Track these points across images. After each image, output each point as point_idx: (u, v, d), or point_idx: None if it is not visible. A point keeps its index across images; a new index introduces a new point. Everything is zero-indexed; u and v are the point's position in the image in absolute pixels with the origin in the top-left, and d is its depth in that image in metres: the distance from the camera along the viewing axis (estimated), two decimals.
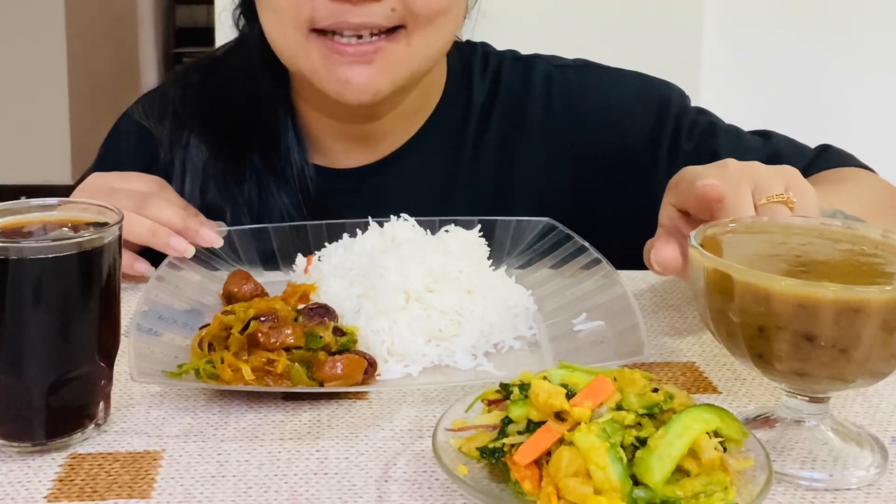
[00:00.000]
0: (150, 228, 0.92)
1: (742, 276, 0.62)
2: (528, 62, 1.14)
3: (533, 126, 1.11)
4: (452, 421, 0.64)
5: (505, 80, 1.13)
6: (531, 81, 1.12)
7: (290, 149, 1.06)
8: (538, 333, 0.85)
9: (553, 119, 1.11)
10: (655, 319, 0.90)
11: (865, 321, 0.59)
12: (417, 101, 1.09)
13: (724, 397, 0.75)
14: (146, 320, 0.79)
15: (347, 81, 0.95)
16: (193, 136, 1.08)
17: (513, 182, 1.10)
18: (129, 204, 0.93)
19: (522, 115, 1.11)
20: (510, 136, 1.11)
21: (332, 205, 1.07)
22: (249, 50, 1.09)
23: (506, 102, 1.12)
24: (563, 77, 1.13)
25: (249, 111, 1.08)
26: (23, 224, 0.69)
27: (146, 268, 0.95)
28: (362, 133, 1.09)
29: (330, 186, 1.08)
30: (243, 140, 1.07)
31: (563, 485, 0.55)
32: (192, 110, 1.10)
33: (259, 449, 0.67)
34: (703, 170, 0.82)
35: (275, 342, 0.73)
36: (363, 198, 1.09)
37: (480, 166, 1.11)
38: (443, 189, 1.10)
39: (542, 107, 1.11)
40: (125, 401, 0.74)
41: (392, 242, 0.89)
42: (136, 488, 0.63)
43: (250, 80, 1.08)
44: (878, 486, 0.63)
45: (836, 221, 0.73)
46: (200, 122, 1.09)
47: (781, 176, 0.81)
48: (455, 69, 1.13)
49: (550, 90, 1.12)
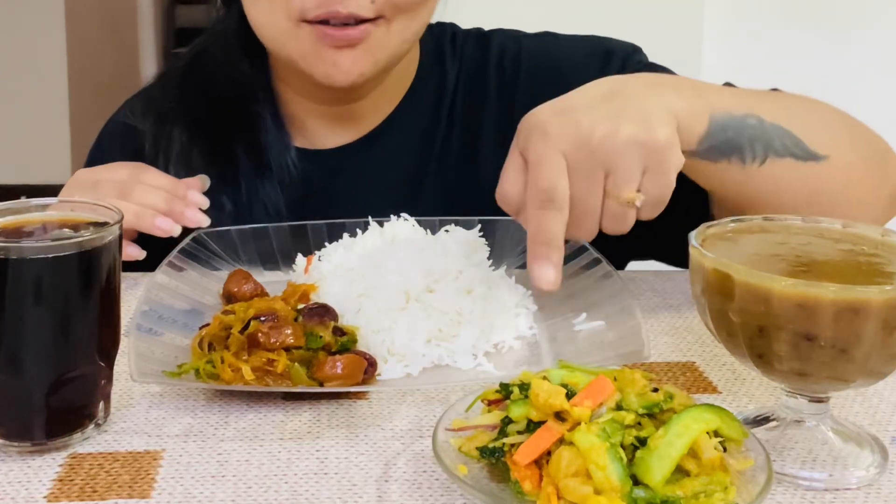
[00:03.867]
0: (135, 212, 0.94)
1: (742, 276, 0.62)
2: (488, 36, 1.17)
3: (491, 96, 1.13)
4: (452, 421, 0.64)
5: (467, 56, 1.16)
6: (489, 54, 1.15)
7: (270, 131, 1.09)
8: (538, 333, 0.85)
9: (506, 86, 1.13)
10: (655, 319, 0.90)
11: (865, 321, 0.59)
12: (394, 81, 1.11)
13: (724, 397, 0.75)
14: (146, 320, 0.79)
15: (335, 65, 0.99)
16: (176, 128, 1.10)
17: (478, 153, 1.12)
18: (113, 192, 0.95)
19: (483, 87, 1.14)
20: (475, 110, 1.14)
21: (315, 184, 1.10)
22: (227, 37, 1.12)
23: (468, 77, 1.15)
24: (517, 46, 1.15)
25: (230, 97, 1.10)
26: (23, 224, 0.69)
27: (137, 251, 0.97)
28: (341, 114, 1.12)
29: (312, 166, 1.10)
30: (224, 126, 1.09)
31: (563, 485, 0.55)
32: (173, 102, 1.12)
33: (259, 449, 0.67)
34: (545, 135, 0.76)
35: (275, 342, 0.73)
36: (343, 176, 1.11)
37: (451, 140, 1.13)
38: (419, 165, 1.12)
39: (497, 76, 1.14)
40: (125, 401, 0.74)
41: (392, 242, 0.89)
42: (136, 488, 0.63)
43: (230, 66, 1.11)
44: (878, 486, 0.63)
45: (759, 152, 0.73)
46: (182, 112, 1.11)
47: (643, 146, 0.74)
48: (427, 49, 1.16)
49: (503, 60, 1.14)
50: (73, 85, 4.59)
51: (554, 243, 0.75)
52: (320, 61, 0.99)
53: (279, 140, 1.09)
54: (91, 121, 4.73)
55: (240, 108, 1.09)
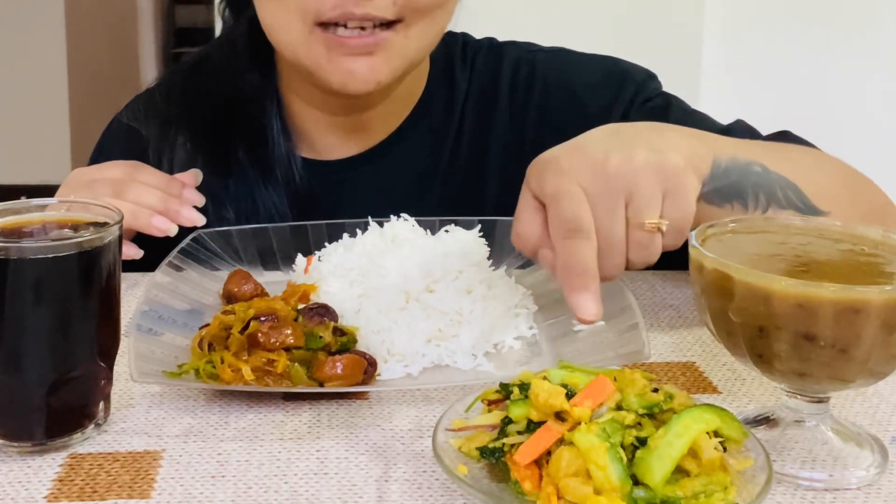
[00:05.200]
0: (131, 211, 0.93)
1: (742, 276, 0.62)
2: (501, 49, 1.16)
3: (502, 109, 1.13)
4: (452, 421, 0.64)
5: (479, 68, 1.15)
6: (501, 67, 1.14)
7: (276, 141, 1.08)
8: (538, 333, 0.85)
9: (518, 101, 1.13)
10: (655, 319, 0.90)
11: (865, 321, 0.59)
12: (404, 91, 1.11)
13: (724, 397, 0.75)
14: (146, 320, 0.79)
15: (351, 72, 0.97)
16: (179, 133, 1.09)
17: (485, 166, 1.12)
18: (108, 191, 0.95)
19: (493, 100, 1.13)
20: (484, 123, 1.13)
21: (320, 196, 1.09)
22: (235, 44, 1.10)
23: (479, 89, 1.14)
24: (531, 61, 1.14)
25: (235, 105, 1.09)
26: (23, 224, 0.69)
27: (135, 251, 0.97)
28: (350, 124, 1.11)
29: (317, 178, 1.09)
30: (228, 134, 1.08)
31: (563, 485, 0.55)
32: (176, 108, 1.11)
33: (259, 449, 0.67)
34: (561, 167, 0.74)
35: (275, 342, 0.73)
36: (349, 188, 1.10)
37: (459, 153, 1.13)
38: (425, 179, 1.12)
39: (509, 90, 1.13)
40: (125, 401, 0.74)
41: (392, 242, 0.89)
42: (136, 488, 0.63)
43: (236, 74, 1.10)
44: (878, 486, 0.63)
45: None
46: (185, 118, 1.10)
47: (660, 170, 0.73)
48: (438, 59, 1.14)
49: (517, 74, 1.13)
50: (73, 85, 4.59)
51: (589, 273, 0.70)
52: (335, 69, 0.97)
53: (285, 149, 1.07)
54: (91, 121, 4.74)
55: (245, 116, 1.08)
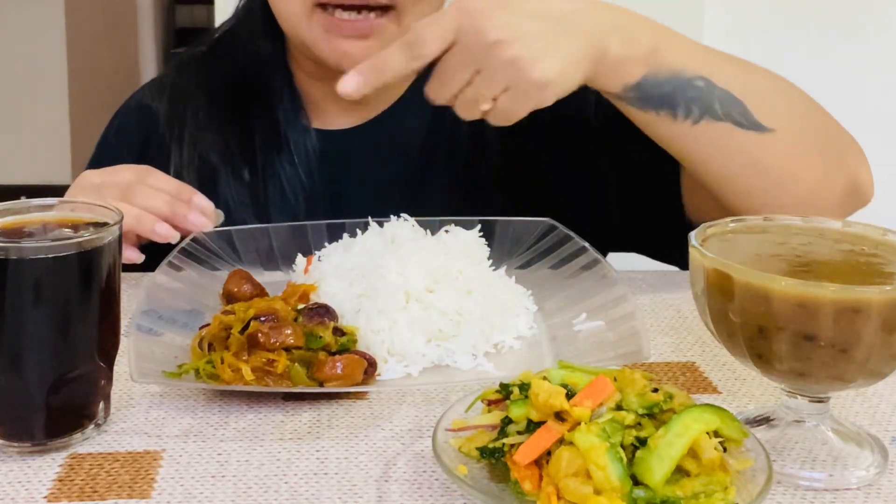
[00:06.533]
0: (135, 216, 0.94)
1: (742, 276, 0.62)
2: None
3: None
4: (452, 421, 0.64)
5: None
6: None
7: (288, 110, 1.12)
8: (538, 333, 0.85)
9: None
10: (655, 319, 0.90)
11: (865, 321, 0.59)
12: None
13: (724, 397, 0.75)
14: (146, 320, 0.79)
15: (346, 54, 1.01)
16: (192, 105, 1.12)
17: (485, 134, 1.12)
18: (116, 194, 0.96)
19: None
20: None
21: (330, 162, 1.12)
22: (254, 15, 1.15)
23: None
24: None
25: (249, 76, 1.13)
26: (23, 224, 0.69)
27: (136, 255, 0.97)
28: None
29: (326, 146, 1.12)
30: (243, 105, 1.12)
31: (563, 485, 0.55)
32: (190, 81, 1.14)
33: (259, 449, 0.67)
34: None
35: (275, 342, 0.73)
36: (357, 155, 1.13)
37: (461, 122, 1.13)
38: (427, 145, 1.14)
39: None
40: (125, 401, 0.74)
41: (392, 242, 0.89)
42: (136, 488, 0.63)
43: (252, 45, 1.14)
44: (878, 486, 0.63)
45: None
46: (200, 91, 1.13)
47: (520, 70, 0.78)
48: None
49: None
50: (73, 85, 4.59)
51: (375, 65, 0.80)
52: (331, 49, 1.03)
53: (296, 118, 1.11)
54: (91, 121, 4.74)
55: (259, 86, 1.12)
